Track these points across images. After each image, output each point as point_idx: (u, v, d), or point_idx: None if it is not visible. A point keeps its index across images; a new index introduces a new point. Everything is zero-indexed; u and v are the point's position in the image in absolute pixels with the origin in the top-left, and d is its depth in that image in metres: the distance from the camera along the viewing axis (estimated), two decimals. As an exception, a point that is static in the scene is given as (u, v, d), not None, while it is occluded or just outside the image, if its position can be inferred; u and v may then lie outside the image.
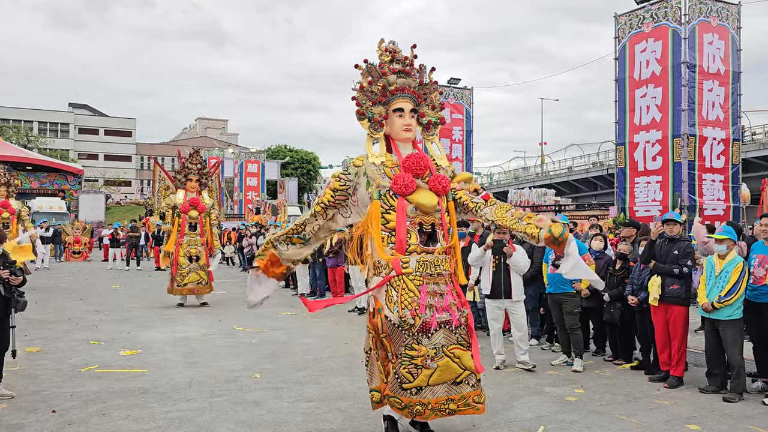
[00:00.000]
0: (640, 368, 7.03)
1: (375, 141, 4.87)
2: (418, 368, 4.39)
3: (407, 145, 4.90)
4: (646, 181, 13.92)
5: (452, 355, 4.47)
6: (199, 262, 12.19)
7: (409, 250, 4.57)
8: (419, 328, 4.42)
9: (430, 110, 5.07)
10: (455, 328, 4.53)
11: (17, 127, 55.08)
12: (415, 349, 4.40)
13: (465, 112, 23.11)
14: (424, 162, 4.70)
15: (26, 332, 8.96)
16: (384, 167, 4.70)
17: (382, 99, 4.84)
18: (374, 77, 4.85)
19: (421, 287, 4.51)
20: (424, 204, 4.61)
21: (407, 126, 4.83)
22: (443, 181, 4.71)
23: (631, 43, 14.35)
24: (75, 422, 5.03)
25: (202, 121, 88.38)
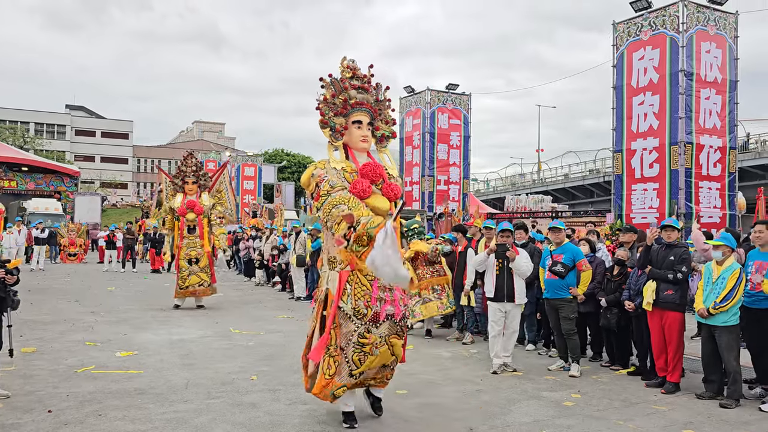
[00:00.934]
0: (637, 374, 7.05)
1: (335, 148, 5.37)
2: (366, 355, 4.90)
3: (363, 154, 5.39)
4: (643, 188, 13.98)
5: (390, 343, 5.01)
6: (199, 264, 12.18)
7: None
8: (370, 318, 4.90)
9: (384, 124, 5.58)
10: (398, 320, 5.04)
11: (13, 128, 54.96)
12: (366, 337, 4.88)
13: (463, 118, 23.19)
14: (379, 170, 5.23)
15: (22, 332, 8.92)
16: (344, 172, 5.15)
17: (343, 111, 5.33)
18: (337, 90, 5.34)
19: (373, 282, 4.95)
20: (379, 207, 5.08)
21: (364, 137, 5.35)
22: (395, 188, 5.27)
23: (629, 51, 14.43)
24: (71, 422, 5.01)
25: (199, 125, 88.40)
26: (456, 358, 7.97)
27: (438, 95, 22.92)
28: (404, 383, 6.48)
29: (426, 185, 22.68)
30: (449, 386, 6.46)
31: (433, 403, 5.79)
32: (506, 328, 7.26)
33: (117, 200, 58.74)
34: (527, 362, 7.72)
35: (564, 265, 7.24)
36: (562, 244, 7.45)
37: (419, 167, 23.01)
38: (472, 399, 5.98)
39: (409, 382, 6.57)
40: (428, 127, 22.59)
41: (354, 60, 5.48)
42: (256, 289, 16.67)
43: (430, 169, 22.63)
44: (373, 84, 5.51)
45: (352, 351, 4.87)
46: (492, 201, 43.68)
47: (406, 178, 23.92)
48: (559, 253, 7.36)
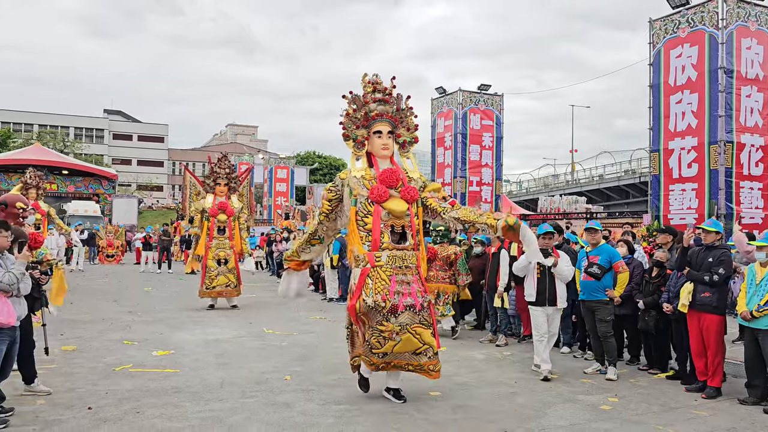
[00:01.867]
0: (677, 378, 6.89)
1: (358, 158, 5.96)
2: (386, 339, 5.49)
3: (385, 160, 5.96)
4: (681, 188, 13.65)
5: (414, 332, 5.52)
6: (228, 265, 12.33)
7: (382, 247, 5.66)
8: (389, 309, 5.48)
9: (406, 131, 6.10)
10: (418, 311, 5.57)
11: (54, 132, 56.47)
12: (384, 325, 5.47)
13: (495, 119, 22.99)
14: (396, 175, 5.81)
15: (62, 331, 9.15)
16: (363, 180, 5.81)
17: (365, 123, 5.93)
18: (358, 105, 5.96)
19: (392, 277, 5.59)
20: (396, 210, 5.70)
21: (385, 145, 5.92)
22: (412, 191, 5.80)
23: (666, 49, 14.12)
24: (110, 419, 5.11)
25: (233, 128, 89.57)
26: (489, 360, 7.90)
27: (470, 96, 22.77)
28: (437, 385, 6.44)
29: (458, 186, 22.54)
30: (483, 388, 6.40)
31: (466, 406, 5.75)
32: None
33: (153, 202, 59.88)
34: (563, 365, 7.60)
35: (600, 267, 7.13)
36: (598, 245, 7.33)
37: (451, 168, 22.89)
38: (507, 401, 5.92)
39: (442, 384, 6.52)
40: (460, 128, 22.46)
41: (377, 74, 6.03)
42: (289, 290, 16.76)
43: (462, 171, 22.50)
44: (395, 95, 6.03)
45: (371, 334, 5.56)
46: (525, 202, 43.26)
47: (438, 179, 23.81)
48: (595, 255, 7.25)
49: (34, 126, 60.97)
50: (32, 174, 12.82)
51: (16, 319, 5.15)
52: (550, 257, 6.96)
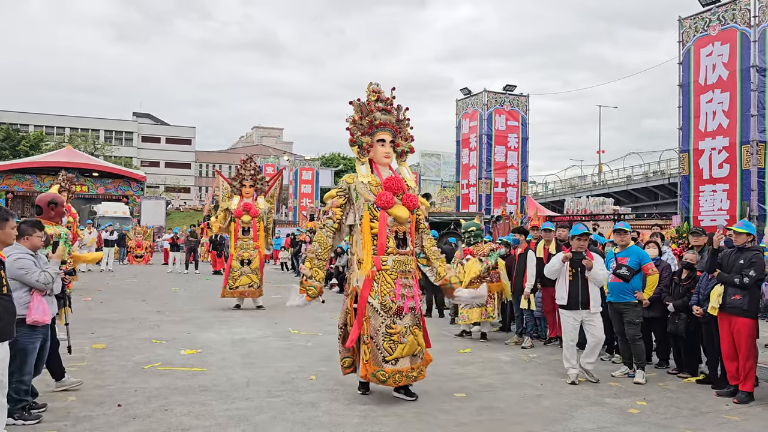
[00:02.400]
0: (707, 382, 6.76)
1: (362, 164, 6.18)
2: (396, 343, 5.71)
3: (385, 168, 6.24)
4: (711, 189, 13.42)
5: (414, 333, 5.86)
6: (251, 265, 12.46)
7: (387, 251, 5.90)
8: (395, 311, 5.75)
9: (404, 141, 6.38)
10: (417, 313, 5.93)
11: (85, 135, 57.68)
12: (393, 327, 5.72)
13: (521, 119, 22.85)
14: (400, 183, 6.09)
15: (92, 330, 9.33)
16: (370, 185, 6.03)
17: (369, 131, 6.16)
18: (364, 113, 6.16)
19: (396, 280, 5.86)
20: (401, 216, 5.97)
21: (387, 153, 6.19)
22: (413, 199, 6.12)
23: (697, 47, 13.90)
24: (139, 416, 5.20)
25: (258, 130, 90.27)
26: (515, 362, 7.84)
27: (495, 97, 22.68)
28: (462, 387, 6.43)
29: (483, 188, 22.45)
30: (508, 390, 6.36)
31: (491, 407, 5.72)
32: (590, 336, 6.87)
33: (180, 204, 60.72)
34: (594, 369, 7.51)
35: (629, 269, 7.03)
36: (627, 246, 7.24)
37: (476, 170, 22.80)
38: (532, 404, 5.87)
39: (467, 385, 6.51)
40: (485, 129, 22.36)
41: (379, 84, 6.30)
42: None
43: (487, 172, 22.40)
44: (395, 105, 6.29)
45: (382, 339, 5.69)
46: (551, 204, 42.85)
47: (463, 180, 23.74)
48: (623, 256, 7.16)
49: (65, 129, 62.33)
50: (64, 176, 13.11)
51: (50, 317, 5.28)
52: (585, 261, 6.78)
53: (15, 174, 34.37)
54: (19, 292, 4.98)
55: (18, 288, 4.97)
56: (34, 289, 5.09)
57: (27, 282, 5.05)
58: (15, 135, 48.51)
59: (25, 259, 5.07)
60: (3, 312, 4.26)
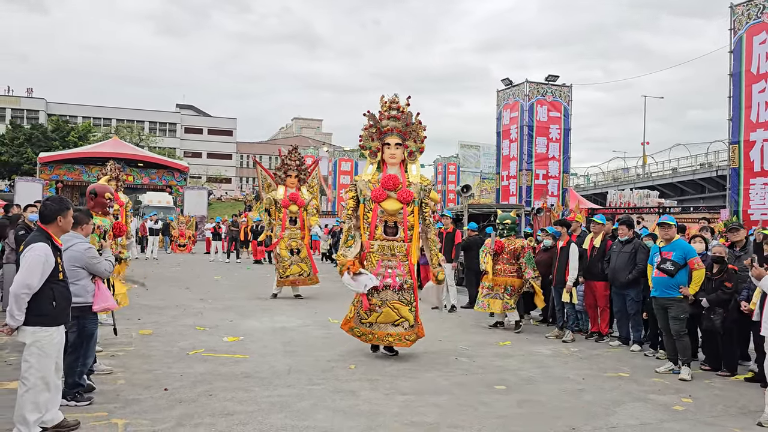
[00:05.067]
0: (755, 380, 6.57)
1: (371, 164, 7.43)
2: (371, 311, 7.06)
3: (394, 167, 7.33)
4: (763, 182, 12.98)
5: (392, 306, 7.07)
6: (300, 254, 12.60)
7: (375, 237, 7.19)
8: (371, 288, 6.99)
9: (413, 143, 7.38)
10: (397, 290, 7.08)
11: (131, 126, 59.10)
12: (370, 299, 7.03)
13: (563, 110, 22.45)
14: (395, 180, 7.18)
15: (139, 316, 9.60)
16: (369, 183, 7.24)
17: (378, 136, 7.35)
18: (373, 122, 7.34)
19: (379, 261, 7.14)
20: (388, 209, 7.16)
21: (392, 155, 7.32)
22: (408, 194, 7.17)
23: (749, 35, 13.42)
24: (185, 401, 5.34)
25: (298, 121, 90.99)
26: (556, 356, 7.76)
27: (537, 87, 22.32)
28: (502, 379, 6.40)
29: (524, 180, 22.16)
30: (549, 384, 6.31)
31: (532, 400, 5.68)
32: None
33: (222, 194, 61.72)
34: (633, 363, 7.40)
35: (674, 263, 6.87)
36: (672, 240, 7.07)
37: (516, 161, 22.51)
38: (573, 398, 5.81)
39: (507, 378, 6.48)
40: (526, 120, 22.04)
41: (397, 94, 7.41)
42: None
43: (528, 163, 22.09)
44: (406, 112, 7.30)
45: (360, 307, 7.11)
46: (593, 196, 42.09)
47: (503, 172, 23.48)
48: (668, 251, 6.99)
49: (112, 120, 63.98)
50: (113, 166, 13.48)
51: None
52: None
53: (65, 164, 35.49)
54: (86, 280, 5.18)
55: (85, 276, 5.17)
56: (96, 277, 5.27)
57: (95, 270, 5.23)
58: (64, 126, 50.01)
59: (93, 249, 5.27)
60: (60, 297, 4.42)
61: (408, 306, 7.11)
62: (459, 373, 6.60)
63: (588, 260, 8.74)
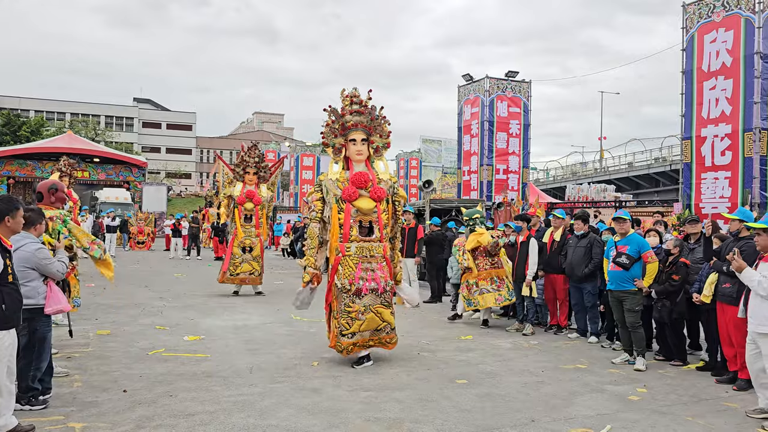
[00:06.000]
0: (707, 369, 6.81)
1: (336, 162, 6.98)
2: (353, 320, 6.51)
3: (360, 164, 6.94)
4: (713, 176, 13.42)
5: (376, 311, 6.61)
6: (252, 253, 12.49)
7: (351, 239, 6.66)
8: (354, 292, 6.54)
9: (378, 138, 7.01)
10: (380, 293, 6.64)
11: (86, 121, 57.50)
12: (351, 306, 6.53)
13: (522, 106, 22.77)
14: (365, 178, 6.77)
15: (96, 316, 9.39)
16: (337, 182, 6.82)
17: (342, 132, 6.93)
18: (336, 117, 6.92)
19: (358, 264, 6.63)
20: (363, 208, 6.70)
21: (359, 151, 6.90)
22: (380, 191, 6.79)
23: (700, 33, 13.83)
24: (144, 402, 5.25)
25: (259, 116, 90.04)
26: (517, 349, 7.90)
27: (497, 83, 22.58)
28: (464, 373, 6.48)
29: (484, 174, 22.43)
30: (510, 377, 6.41)
31: (493, 393, 5.77)
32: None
33: (181, 190, 60.66)
34: (590, 355, 7.58)
35: (629, 257, 7.06)
36: (627, 234, 7.26)
37: (477, 156, 22.77)
38: (534, 390, 5.93)
39: (468, 371, 6.57)
40: (487, 115, 22.30)
41: (357, 88, 6.99)
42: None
43: (488, 158, 22.36)
44: (370, 106, 6.95)
45: (341, 316, 6.52)
46: (552, 190, 42.79)
47: (464, 167, 23.71)
48: (623, 244, 7.18)
49: (66, 114, 62.16)
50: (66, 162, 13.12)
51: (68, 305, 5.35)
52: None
53: (16, 160, 34.29)
54: (37, 281, 5.02)
55: (36, 278, 5.01)
56: (48, 279, 5.12)
57: (47, 271, 5.07)
58: (16, 120, 48.39)
59: (45, 249, 5.11)
60: (10, 300, 4.29)
61: (389, 309, 6.75)
62: (422, 368, 6.66)
63: (548, 254, 8.91)
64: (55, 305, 5.08)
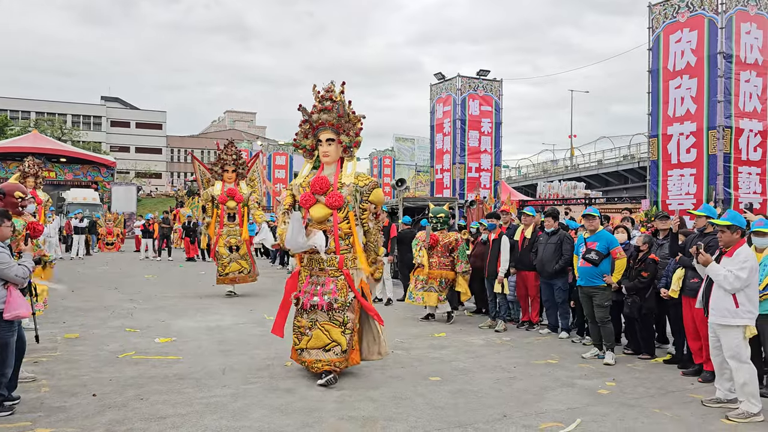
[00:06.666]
0: (674, 362, 6.97)
1: (308, 164, 6.55)
2: (302, 335, 6.12)
3: (330, 166, 6.38)
4: (679, 173, 13.70)
5: (323, 328, 6.02)
6: (239, 251, 12.39)
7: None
8: (300, 305, 6.17)
9: (346, 137, 6.33)
10: (326, 310, 6.03)
11: (52, 119, 56.26)
12: (299, 321, 6.18)
13: (494, 104, 22.95)
14: (324, 183, 6.21)
15: (64, 319, 9.22)
16: (301, 187, 6.34)
17: (312, 132, 6.39)
18: (306, 117, 6.38)
19: (307, 277, 6.28)
20: (314, 216, 6.17)
21: (325, 152, 6.33)
22: (336, 198, 6.13)
23: (666, 33, 14.10)
24: (114, 406, 5.18)
25: (231, 114, 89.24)
26: (489, 345, 7.98)
27: (469, 82, 22.72)
28: (437, 370, 6.52)
29: (457, 173, 22.57)
30: (482, 373, 6.48)
31: (466, 390, 5.82)
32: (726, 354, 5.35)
33: (152, 190, 59.80)
34: (561, 350, 7.69)
35: (598, 253, 7.18)
36: (596, 231, 7.38)
37: (450, 154, 22.89)
38: (506, 386, 6.00)
39: (441, 369, 6.61)
40: (459, 114, 22.44)
41: (333, 81, 6.40)
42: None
43: (461, 157, 22.50)
44: (338, 101, 6.24)
45: (293, 331, 6.23)
46: (524, 188, 43.28)
47: (437, 165, 23.81)
48: (593, 241, 7.30)
49: (31, 113, 60.72)
50: (30, 162, 12.83)
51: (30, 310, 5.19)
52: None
53: (-21, 160, 33.50)
54: None
55: None
56: (9, 283, 4.99)
57: (5, 276, 4.93)
58: (-22, 120, 47.17)
59: (3, 252, 4.97)
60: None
61: (340, 328, 5.99)
62: (395, 366, 6.69)
63: (519, 251, 9.01)
64: (14, 310, 4.92)
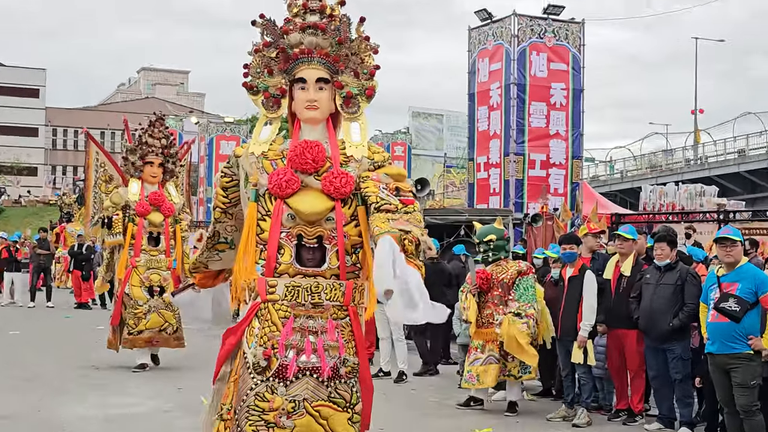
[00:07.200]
0: None
1: (267, 122, 5.65)
2: (269, 427, 4.89)
3: (315, 126, 5.51)
4: None
5: (317, 414, 4.99)
6: (164, 295, 12.02)
7: (278, 269, 5.18)
8: (274, 372, 4.98)
9: (353, 78, 5.60)
10: (327, 379, 5.03)
11: None
12: (267, 400, 4.91)
13: (572, 60, 22.94)
14: (315, 152, 5.25)
15: None
16: (264, 159, 5.34)
17: (283, 66, 5.50)
18: (273, 36, 5.48)
19: (288, 320, 5.13)
20: (303, 210, 5.20)
21: (311, 102, 5.38)
22: (342, 179, 5.17)
23: None
24: None
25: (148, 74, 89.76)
26: (563, 449, 7.97)
27: (531, 24, 22.76)
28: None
29: (511, 169, 22.55)
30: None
31: None
32: None
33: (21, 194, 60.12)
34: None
35: (740, 300, 7.15)
36: (737, 265, 7.36)
37: (500, 140, 22.88)
38: None
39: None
40: (515, 76, 22.48)
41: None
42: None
43: (518, 144, 22.48)
44: (338, 17, 5.60)
45: (245, 419, 4.99)
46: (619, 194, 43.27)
47: (480, 157, 23.82)
48: (732, 281, 7.27)
49: None
50: None
51: None
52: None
53: None
54: None
55: None
56: None
57: None
58: None
59: None
60: None
61: (348, 412, 5.34)
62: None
63: (613, 297, 9.00)
64: None
